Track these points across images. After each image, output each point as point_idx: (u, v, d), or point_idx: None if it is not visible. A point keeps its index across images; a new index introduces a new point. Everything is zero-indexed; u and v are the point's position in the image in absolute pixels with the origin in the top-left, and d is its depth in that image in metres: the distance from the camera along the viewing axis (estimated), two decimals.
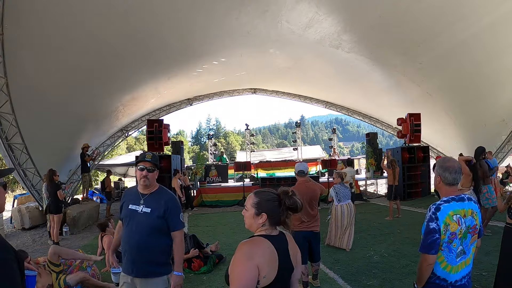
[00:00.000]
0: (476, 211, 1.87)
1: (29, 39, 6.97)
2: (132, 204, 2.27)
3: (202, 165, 14.38)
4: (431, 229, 1.78)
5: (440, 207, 1.80)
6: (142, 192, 2.29)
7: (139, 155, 2.40)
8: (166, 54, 10.28)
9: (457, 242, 1.79)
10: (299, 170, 3.84)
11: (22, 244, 7.07)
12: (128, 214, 2.28)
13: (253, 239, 1.41)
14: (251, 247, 1.35)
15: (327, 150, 24.36)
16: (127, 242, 2.25)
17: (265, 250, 1.34)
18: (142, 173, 2.25)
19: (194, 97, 16.65)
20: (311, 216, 3.70)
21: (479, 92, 10.69)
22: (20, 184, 10.21)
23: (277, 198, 1.45)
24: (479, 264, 4.33)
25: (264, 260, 1.30)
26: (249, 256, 1.30)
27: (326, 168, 13.00)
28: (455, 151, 11.99)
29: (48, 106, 8.56)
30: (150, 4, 7.50)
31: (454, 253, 1.80)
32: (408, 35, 9.17)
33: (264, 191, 1.50)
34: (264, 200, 1.45)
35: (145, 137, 12.21)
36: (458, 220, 1.78)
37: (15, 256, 1.18)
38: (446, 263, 1.81)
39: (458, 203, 1.83)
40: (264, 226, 1.43)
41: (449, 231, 1.77)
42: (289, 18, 9.05)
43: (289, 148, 21.63)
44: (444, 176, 1.87)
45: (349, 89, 15.43)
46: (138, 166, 2.28)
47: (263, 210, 1.43)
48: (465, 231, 1.80)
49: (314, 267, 3.92)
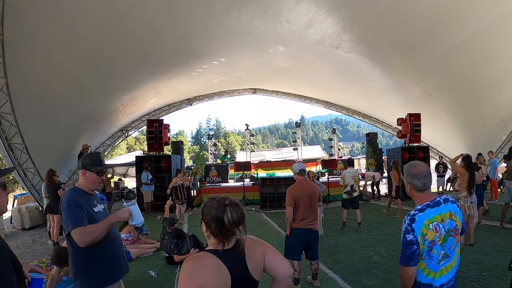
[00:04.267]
0: (455, 211, 1.80)
1: (29, 39, 6.97)
2: (94, 207, 2.16)
3: (202, 165, 14.39)
4: (408, 241, 1.72)
5: (415, 218, 1.73)
6: (89, 193, 2.22)
7: (92, 158, 2.23)
8: (166, 54, 10.28)
9: (438, 249, 1.74)
10: (300, 169, 3.87)
11: (22, 244, 7.07)
12: (101, 218, 2.13)
13: (198, 255, 1.31)
14: (193, 265, 1.25)
15: (327, 150, 24.34)
16: (113, 244, 2.16)
17: (210, 268, 1.24)
18: (102, 177, 2.25)
19: (194, 97, 16.66)
20: (310, 213, 3.71)
21: (479, 92, 10.70)
22: (20, 184, 10.21)
23: (216, 205, 1.31)
24: (479, 264, 4.33)
25: (208, 279, 1.21)
26: (191, 276, 1.21)
27: (326, 168, 13.00)
28: (455, 151, 11.98)
29: (48, 106, 8.56)
30: (150, 4, 7.51)
31: (435, 259, 1.75)
32: (408, 35, 9.17)
33: (212, 198, 1.38)
34: (206, 207, 1.34)
35: (145, 137, 12.21)
36: (435, 227, 1.72)
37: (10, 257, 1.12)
38: (429, 270, 1.76)
39: (434, 209, 1.76)
40: (210, 238, 1.33)
41: (427, 240, 1.71)
42: (289, 18, 9.06)
43: (289, 148, 21.63)
44: (413, 183, 1.82)
45: (349, 89, 15.44)
46: (99, 172, 2.21)
47: (203, 219, 1.34)
48: (445, 235, 1.75)
49: (313, 266, 3.92)
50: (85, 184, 2.18)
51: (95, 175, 2.17)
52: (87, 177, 2.16)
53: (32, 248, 6.66)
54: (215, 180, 13.38)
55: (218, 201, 1.33)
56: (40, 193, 8.21)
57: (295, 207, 3.70)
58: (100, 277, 2.04)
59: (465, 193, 5.03)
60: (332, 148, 17.13)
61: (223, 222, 1.27)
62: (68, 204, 2.00)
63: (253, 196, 11.35)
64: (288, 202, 3.71)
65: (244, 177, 13.16)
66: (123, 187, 16.20)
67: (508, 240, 5.42)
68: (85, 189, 2.17)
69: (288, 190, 3.77)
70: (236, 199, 1.37)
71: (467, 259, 4.52)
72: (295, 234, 3.73)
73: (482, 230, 6.15)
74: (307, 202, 3.70)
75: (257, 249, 1.39)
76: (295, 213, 3.73)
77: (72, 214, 1.97)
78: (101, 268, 2.05)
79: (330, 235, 6.52)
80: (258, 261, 1.37)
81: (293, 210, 3.72)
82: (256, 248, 1.39)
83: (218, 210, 1.29)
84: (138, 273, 4.65)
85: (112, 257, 2.12)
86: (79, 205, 2.02)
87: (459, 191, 5.16)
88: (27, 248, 6.66)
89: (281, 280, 1.42)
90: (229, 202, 1.32)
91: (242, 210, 1.33)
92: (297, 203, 3.69)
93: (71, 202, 2.01)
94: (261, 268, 1.38)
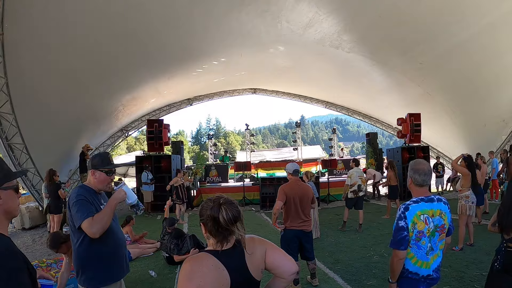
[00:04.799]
0: (445, 211, 1.97)
1: (29, 39, 6.97)
2: (100, 206, 2.15)
3: (202, 165, 14.39)
4: (400, 226, 1.94)
5: (409, 207, 1.94)
6: (97, 192, 2.22)
7: (102, 158, 2.22)
8: (166, 54, 10.28)
9: (426, 240, 1.92)
10: (294, 169, 3.86)
11: (22, 244, 7.07)
12: None
13: (197, 256, 1.31)
14: (192, 266, 1.24)
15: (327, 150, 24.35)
16: (117, 244, 2.16)
17: (208, 269, 1.23)
18: (112, 177, 2.26)
19: (194, 97, 16.66)
20: (301, 214, 3.68)
21: (479, 92, 10.69)
22: (20, 184, 10.21)
23: (211, 205, 1.31)
24: (479, 264, 4.33)
25: (206, 279, 1.20)
26: (189, 277, 1.21)
27: (326, 168, 13.00)
28: (455, 151, 11.99)
29: (48, 106, 8.56)
30: (150, 4, 7.51)
31: (423, 250, 1.93)
32: (408, 35, 9.17)
33: (209, 199, 1.37)
34: (203, 208, 1.34)
35: (145, 137, 12.21)
36: (425, 219, 1.91)
37: (26, 266, 1.10)
38: (417, 259, 1.95)
39: (427, 203, 1.94)
40: (209, 238, 1.32)
41: (416, 229, 1.90)
42: (289, 18, 9.06)
43: (289, 148, 21.65)
44: (415, 178, 2.00)
45: (349, 89, 15.44)
46: (109, 171, 2.21)
47: (200, 220, 1.34)
48: (433, 230, 1.93)
49: (310, 266, 3.91)
50: (94, 184, 2.19)
51: (104, 175, 2.18)
52: (96, 176, 2.17)
53: (32, 248, 6.66)
54: (215, 180, 13.38)
55: (213, 201, 1.33)
56: (40, 193, 8.22)
57: (286, 206, 3.68)
58: (100, 275, 2.05)
59: (466, 193, 5.03)
60: (332, 148, 17.14)
61: (219, 221, 1.27)
62: (77, 199, 2.03)
63: (253, 196, 11.35)
64: (279, 197, 3.68)
65: (244, 177, 13.17)
66: None
67: None
68: (93, 188, 2.18)
69: (280, 187, 3.75)
70: (233, 198, 1.36)
71: (467, 259, 4.53)
72: (286, 235, 3.73)
73: (482, 230, 6.14)
74: (298, 203, 3.67)
75: (258, 248, 1.38)
76: (286, 213, 3.72)
77: (81, 207, 1.99)
78: (102, 266, 2.05)
79: (330, 235, 6.51)
80: (259, 261, 1.36)
81: (284, 209, 3.71)
82: (256, 247, 1.38)
83: (213, 210, 1.29)
84: (138, 273, 4.65)
85: (113, 256, 2.13)
86: (86, 199, 2.04)
87: (461, 191, 5.15)
88: (27, 248, 6.66)
89: (287, 277, 1.41)
90: (223, 201, 1.31)
91: (237, 208, 1.32)
92: (288, 202, 3.67)
93: (80, 197, 2.04)
94: (262, 268, 1.37)
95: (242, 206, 10.85)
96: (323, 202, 11.01)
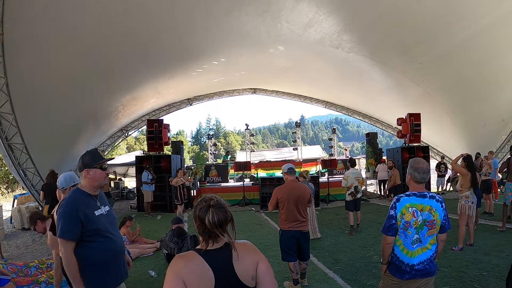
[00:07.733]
0: (436, 208, 2.12)
1: (29, 40, 6.96)
2: (95, 211, 2.08)
3: (202, 165, 14.38)
4: (390, 215, 2.15)
5: (400, 199, 2.15)
6: (94, 194, 2.14)
7: (92, 155, 2.17)
8: (166, 54, 10.28)
9: (412, 231, 2.11)
10: (288, 167, 3.88)
11: (22, 244, 7.07)
12: (102, 222, 2.07)
13: (185, 254, 1.33)
14: (178, 262, 1.27)
15: (327, 150, 24.32)
16: (114, 252, 2.11)
17: (194, 268, 1.25)
18: (107, 172, 2.22)
19: (194, 97, 16.66)
20: (298, 215, 3.66)
21: (479, 92, 10.70)
22: (20, 184, 10.21)
23: (202, 205, 1.33)
24: (479, 264, 4.33)
25: (191, 277, 1.23)
26: (175, 273, 1.24)
27: (326, 168, 12.99)
28: (455, 151, 11.99)
29: (48, 106, 8.56)
30: (150, 4, 7.50)
31: (409, 239, 2.12)
32: (408, 35, 9.17)
33: (203, 198, 1.39)
34: (196, 206, 1.35)
35: (145, 137, 12.21)
36: (413, 212, 2.10)
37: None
38: (403, 246, 2.14)
39: (418, 198, 2.13)
40: (199, 236, 1.33)
41: (404, 219, 2.10)
42: (289, 18, 9.06)
43: (289, 148, 21.60)
44: (414, 175, 2.19)
45: (349, 89, 15.44)
46: (102, 166, 2.17)
47: (193, 217, 1.35)
48: (421, 223, 2.10)
49: (301, 265, 3.90)
50: (89, 184, 2.12)
51: (99, 171, 2.14)
52: (91, 175, 2.11)
53: (32, 248, 6.65)
54: (215, 180, 13.37)
55: (205, 201, 1.34)
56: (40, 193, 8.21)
57: (282, 208, 3.68)
58: (96, 282, 2.02)
59: (466, 193, 5.02)
60: (332, 148, 17.14)
61: (205, 223, 1.28)
62: (64, 210, 1.98)
63: (253, 196, 11.35)
64: (270, 201, 3.74)
65: (244, 177, 13.16)
66: (123, 187, 16.20)
67: (508, 240, 5.42)
68: (88, 191, 2.11)
69: (274, 190, 3.75)
70: (226, 201, 1.37)
71: (467, 259, 4.53)
72: (284, 236, 3.73)
73: (482, 230, 6.14)
74: (294, 204, 3.65)
75: (249, 255, 1.36)
76: (282, 214, 3.71)
77: (64, 222, 1.96)
78: (98, 273, 2.02)
79: (330, 235, 6.50)
80: (249, 267, 1.33)
81: (280, 211, 3.72)
82: (247, 253, 1.36)
83: (201, 211, 1.31)
84: (138, 273, 4.65)
85: (111, 264, 2.09)
86: (75, 214, 1.96)
87: (461, 191, 5.15)
88: (27, 248, 6.66)
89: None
90: (214, 203, 1.31)
91: (226, 213, 1.31)
92: (283, 204, 3.66)
93: (68, 209, 1.97)
94: (253, 275, 1.35)
95: (242, 206, 10.91)
96: (323, 202, 11.00)
